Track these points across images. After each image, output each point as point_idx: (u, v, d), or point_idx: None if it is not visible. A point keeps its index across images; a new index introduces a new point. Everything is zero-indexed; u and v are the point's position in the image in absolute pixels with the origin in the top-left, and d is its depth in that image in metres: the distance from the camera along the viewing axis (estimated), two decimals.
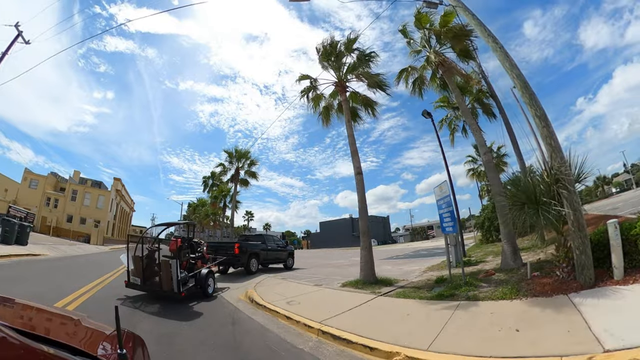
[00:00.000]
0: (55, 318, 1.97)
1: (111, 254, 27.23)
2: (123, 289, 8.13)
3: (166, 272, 7.31)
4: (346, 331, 5.31)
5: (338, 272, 14.49)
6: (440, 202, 8.97)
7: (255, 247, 14.59)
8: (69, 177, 50.16)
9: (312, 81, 13.57)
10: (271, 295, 8.72)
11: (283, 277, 12.83)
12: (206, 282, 8.62)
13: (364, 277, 9.98)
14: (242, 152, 25.69)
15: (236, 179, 25.84)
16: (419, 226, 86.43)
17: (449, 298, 6.71)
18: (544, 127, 7.04)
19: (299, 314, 6.58)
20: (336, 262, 21.71)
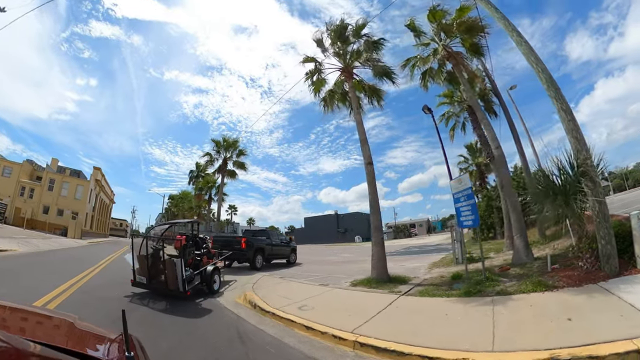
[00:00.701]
0: (47, 321, 1.87)
1: (89, 249, 25.37)
2: (102, 291, 7.52)
3: (171, 271, 7.19)
4: (390, 340, 4.46)
5: (337, 269, 13.74)
6: (458, 195, 8.63)
7: (261, 242, 14.19)
8: (46, 165, 46.65)
9: (317, 64, 12.54)
10: (275, 298, 7.57)
11: (281, 275, 11.73)
12: (212, 279, 8.50)
13: (377, 275, 9.20)
14: (230, 142, 23.96)
15: (223, 169, 24.24)
16: (401, 224, 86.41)
17: (478, 294, 6.37)
18: (569, 120, 7.09)
19: (320, 322, 5.50)
20: (329, 258, 20.93)
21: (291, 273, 12.74)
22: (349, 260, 18.90)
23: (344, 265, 15.42)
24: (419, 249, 24.51)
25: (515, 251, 9.73)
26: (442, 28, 12.62)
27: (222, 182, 24.61)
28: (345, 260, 19.11)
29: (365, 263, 16.33)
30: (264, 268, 14.13)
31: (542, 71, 7.50)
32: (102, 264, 13.97)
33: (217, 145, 24.00)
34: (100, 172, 55.40)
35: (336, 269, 13.74)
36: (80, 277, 9.66)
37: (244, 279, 10.90)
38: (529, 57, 7.77)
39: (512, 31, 8.17)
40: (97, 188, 55.21)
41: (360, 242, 60.70)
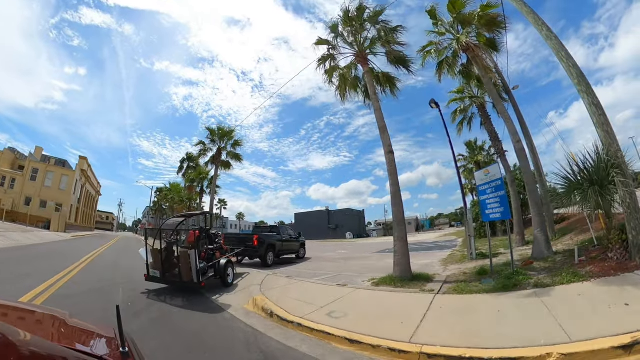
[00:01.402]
0: (38, 316, 1.80)
1: (72, 243, 23.63)
2: (85, 297, 6.44)
3: (185, 263, 7.21)
4: (459, 346, 3.88)
5: (343, 266, 12.85)
6: (484, 187, 8.32)
7: (272, 238, 13.94)
8: (29, 154, 43.99)
9: (330, 48, 11.60)
10: (293, 303, 6.37)
11: (287, 274, 10.50)
12: (225, 272, 8.45)
13: (401, 272, 8.41)
14: (225, 131, 22.42)
15: (217, 160, 22.55)
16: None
17: (515, 288, 6.15)
18: (600, 115, 7.18)
19: (364, 332, 4.52)
20: (326, 255, 19.81)
21: (298, 271, 11.59)
22: (347, 257, 17.99)
23: (348, 263, 14.50)
24: (419, 246, 23.58)
25: (535, 245, 9.53)
26: (460, 19, 12.37)
27: (216, 173, 22.97)
28: (343, 256, 18.18)
29: (367, 260, 15.45)
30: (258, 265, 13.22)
31: (572, 66, 7.48)
32: (85, 260, 12.62)
33: (212, 134, 22.44)
34: (86, 162, 52.84)
35: (341, 266, 12.81)
36: (60, 276, 8.37)
37: (250, 278, 9.73)
38: (559, 53, 7.65)
39: (541, 25, 7.99)
40: (83, 179, 52.62)
41: (351, 238, 60.04)
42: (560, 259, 8.07)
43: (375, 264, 13.59)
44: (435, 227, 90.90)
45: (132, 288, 7.70)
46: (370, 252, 20.75)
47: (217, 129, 22.19)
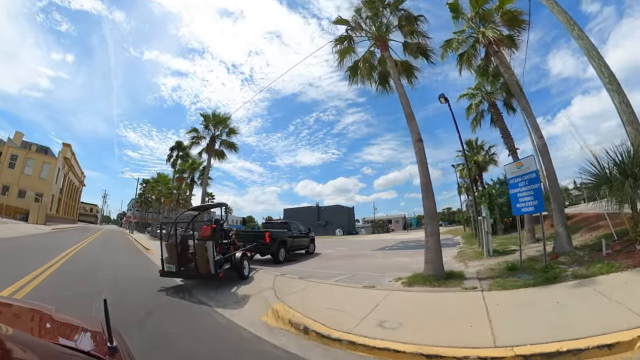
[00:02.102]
0: (24, 312, 1.73)
1: (52, 236, 21.52)
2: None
3: (202, 254, 7.14)
4: (549, 341, 3.49)
5: (353, 265, 11.82)
6: (516, 180, 8.14)
7: (284, 234, 13.63)
8: (7, 139, 40.15)
9: (349, 29, 10.87)
10: (324, 312, 5.16)
11: (298, 274, 9.24)
12: (241, 264, 8.30)
13: (434, 270, 7.67)
14: (220, 117, 20.56)
15: (211, 149, 20.71)
16: (379, 219, 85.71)
17: (557, 280, 6.03)
18: (630, 112, 7.47)
19: (440, 343, 3.78)
20: (328, 252, 18.29)
21: (307, 271, 10.25)
22: (349, 254, 16.72)
23: (355, 261, 13.41)
24: (418, 244, 22.47)
25: (557, 241, 9.35)
26: (481, 14, 12.11)
27: (209, 163, 21.09)
28: (345, 254, 16.89)
29: (372, 258, 14.54)
30: (266, 262, 12.26)
31: (603, 66, 7.58)
32: (62, 257, 10.94)
33: (206, 120, 20.54)
34: (69, 150, 49.45)
35: (351, 265, 11.69)
36: (25, 280, 6.75)
37: (258, 280, 8.45)
38: (590, 52, 7.74)
39: (573, 25, 8.05)
40: (66, 167, 49.33)
41: (340, 235, 58.76)
42: (584, 254, 7.97)
43: (384, 262, 12.79)
44: (422, 226, 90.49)
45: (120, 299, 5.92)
46: (370, 249, 19.69)
47: (211, 115, 20.34)
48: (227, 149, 21.11)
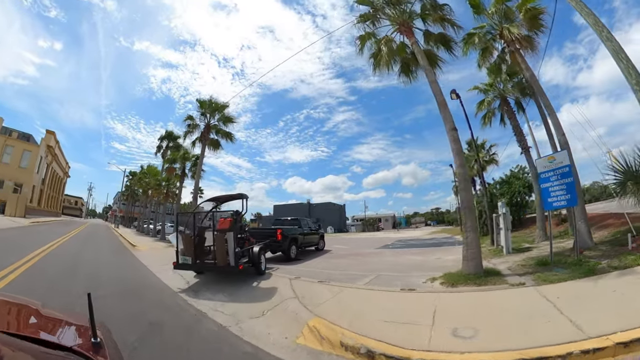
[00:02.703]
0: (9, 306, 1.65)
1: (28, 230, 19.59)
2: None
3: (221, 246, 6.86)
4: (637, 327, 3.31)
5: (367, 264, 10.68)
6: (548, 174, 8.06)
7: (295, 231, 13.30)
8: None
9: (372, 10, 10.38)
10: (377, 325, 4.24)
11: (315, 277, 8.00)
12: (259, 259, 8.00)
13: (475, 268, 7.14)
14: (218, 105, 18.79)
15: (206, 137, 18.85)
16: (370, 218, 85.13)
17: (596, 273, 5.93)
18: None
19: (529, 345, 3.35)
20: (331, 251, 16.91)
21: (323, 272, 8.93)
22: (355, 252, 15.48)
23: (366, 260, 12.31)
24: (420, 242, 21.68)
25: (579, 236, 8.92)
26: (501, 12, 11.92)
27: (203, 152, 19.07)
28: (350, 252, 15.56)
29: (382, 256, 13.45)
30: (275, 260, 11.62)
31: (631, 68, 7.29)
32: (36, 255, 9.35)
33: (202, 106, 18.63)
34: (53, 138, 46.34)
35: (366, 265, 10.61)
36: None
37: (272, 286, 7.10)
38: (619, 55, 7.42)
39: (602, 27, 7.72)
40: (49, 156, 46.21)
41: (332, 232, 57.61)
42: (607, 248, 8.10)
43: (397, 260, 11.77)
44: (411, 225, 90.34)
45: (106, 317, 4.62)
46: (371, 247, 18.31)
47: (208, 101, 18.53)
48: (222, 139, 19.34)
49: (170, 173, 24.81)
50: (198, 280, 7.64)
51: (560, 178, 7.77)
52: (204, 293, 6.32)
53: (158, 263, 10.18)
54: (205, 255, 7.36)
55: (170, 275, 8.07)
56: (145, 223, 33.66)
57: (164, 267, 9.03)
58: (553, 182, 7.90)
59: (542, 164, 8.27)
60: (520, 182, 21.20)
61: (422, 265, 9.83)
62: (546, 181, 8.03)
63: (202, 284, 7.26)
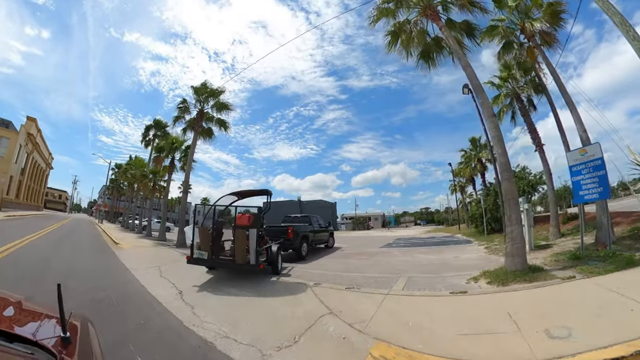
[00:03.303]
0: None
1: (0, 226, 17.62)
2: None
3: (241, 243, 6.52)
4: None
5: (380, 265, 9.69)
6: (579, 167, 8.04)
7: (305, 229, 12.83)
8: None
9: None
10: (467, 342, 3.44)
11: (337, 281, 6.72)
12: (277, 258, 7.55)
13: (522, 264, 6.73)
14: (212, 90, 16.85)
15: (198, 125, 16.84)
16: (360, 216, 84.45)
17: (638, 264, 5.89)
18: None
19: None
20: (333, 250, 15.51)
21: (344, 276, 7.62)
22: (361, 252, 14.14)
23: (378, 259, 11.33)
24: (420, 241, 20.27)
25: (602, 231, 9.12)
26: (521, 6, 11.92)
27: (195, 142, 16.97)
28: (357, 252, 14.16)
29: (391, 256, 12.06)
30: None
31: None
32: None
33: (196, 92, 16.76)
34: (35, 125, 43.05)
35: (381, 265, 9.67)
36: None
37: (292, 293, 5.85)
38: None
39: (628, 27, 7.39)
40: (30, 145, 42.92)
41: None
42: (631, 242, 8.23)
43: (412, 259, 10.77)
44: (401, 224, 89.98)
45: None
46: (374, 246, 16.95)
47: (202, 85, 16.70)
48: (216, 127, 17.45)
49: (158, 163, 22.70)
50: (193, 288, 6.15)
51: (592, 171, 7.74)
52: (205, 308, 4.79)
53: (143, 265, 8.61)
54: (222, 250, 7.13)
55: (158, 282, 6.58)
56: (130, 218, 31.61)
57: (150, 271, 7.54)
58: (584, 175, 7.88)
59: (573, 157, 8.21)
60: (524, 182, 20.35)
61: (446, 264, 9.18)
62: (577, 174, 7.99)
63: (200, 293, 5.77)
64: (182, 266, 7.74)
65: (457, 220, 38.76)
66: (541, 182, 19.82)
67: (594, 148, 7.95)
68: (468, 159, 28.66)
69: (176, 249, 13.70)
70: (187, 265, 7.12)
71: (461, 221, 37.78)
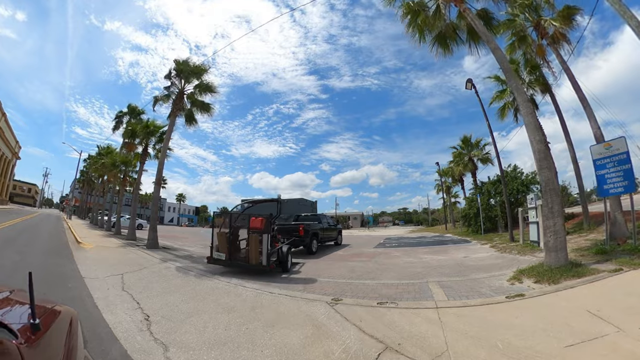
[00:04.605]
0: None
1: None
2: None
3: (255, 246, 7.15)
4: None
5: (389, 269, 8.33)
6: (603, 161, 7.93)
7: (315, 227, 13.30)
8: None
9: None
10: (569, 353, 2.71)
11: (362, 294, 5.23)
12: (287, 258, 7.87)
13: (564, 258, 6.17)
14: (196, 67, 14.35)
15: (177, 105, 14.28)
16: (340, 215, 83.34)
17: None
18: None
19: None
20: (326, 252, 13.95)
21: (359, 285, 6.18)
22: (356, 253, 12.83)
23: (381, 261, 9.94)
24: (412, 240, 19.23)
25: (617, 227, 9.24)
26: (538, 4, 11.95)
27: (172, 126, 14.46)
28: (350, 253, 12.80)
29: (394, 257, 10.78)
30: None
31: None
32: None
33: (178, 67, 14.14)
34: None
35: (391, 269, 8.33)
36: None
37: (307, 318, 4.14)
38: None
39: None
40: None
41: None
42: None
43: (421, 261, 9.59)
44: (379, 224, 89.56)
45: None
46: (368, 247, 15.63)
47: (183, 62, 14.26)
48: (198, 111, 15.01)
49: (129, 150, 19.70)
50: (165, 308, 4.36)
51: (617, 165, 7.74)
52: (185, 348, 3.05)
53: (103, 272, 6.76)
54: (238, 252, 7.58)
55: (118, 299, 4.78)
56: (101, 214, 28.70)
57: (110, 281, 5.83)
58: (609, 168, 7.88)
59: (597, 151, 8.14)
60: (517, 182, 19.77)
61: (462, 265, 8.34)
62: (602, 168, 7.97)
63: (176, 319, 3.96)
64: (151, 274, 6.33)
65: (445, 220, 38.14)
66: (534, 182, 19.19)
67: (619, 142, 7.88)
68: (459, 157, 28.02)
69: (146, 250, 11.62)
70: (157, 272, 6.45)
71: (447, 221, 37.42)
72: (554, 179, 7.02)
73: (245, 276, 6.80)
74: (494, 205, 20.96)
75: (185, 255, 10.90)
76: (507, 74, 8.01)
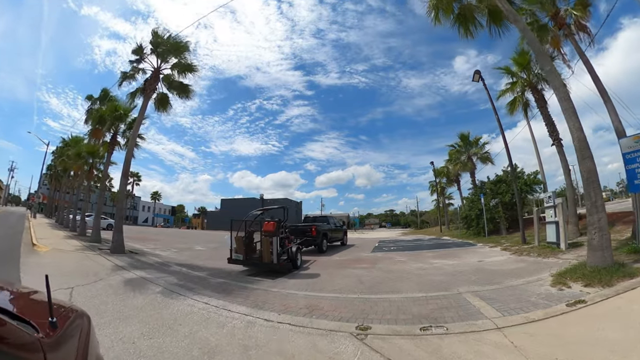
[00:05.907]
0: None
1: None
2: None
3: (267, 247, 8.05)
4: None
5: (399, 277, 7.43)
6: (634, 154, 7.53)
7: (325, 227, 14.40)
8: None
9: None
10: None
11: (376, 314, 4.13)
12: (296, 256, 8.94)
13: (610, 257, 5.88)
14: (176, 43, 12.71)
15: (151, 87, 12.66)
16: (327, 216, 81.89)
17: None
18: None
19: None
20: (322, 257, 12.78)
21: (381, 300, 5.12)
22: (353, 258, 11.79)
23: (390, 267, 9.21)
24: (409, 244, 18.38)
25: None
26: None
27: (144, 110, 12.75)
28: (348, 258, 11.73)
29: (400, 263, 9.90)
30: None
31: None
32: None
33: (156, 42, 12.64)
34: None
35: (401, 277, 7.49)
36: None
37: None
38: None
39: None
40: None
41: None
42: None
43: (426, 266, 8.98)
44: (365, 226, 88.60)
45: None
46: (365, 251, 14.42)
47: (158, 33, 12.55)
48: (176, 93, 13.43)
49: (97, 137, 17.51)
50: (111, 352, 3.15)
51: None
52: None
53: (51, 284, 5.33)
54: (252, 252, 8.59)
55: None
56: (67, 213, 26.61)
57: (57, 299, 4.30)
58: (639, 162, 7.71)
59: (627, 145, 7.95)
60: (520, 182, 19.09)
61: (483, 271, 7.67)
62: (632, 162, 7.75)
63: None
64: (107, 289, 5.43)
65: (440, 222, 37.56)
66: (537, 182, 18.67)
67: None
68: (457, 155, 27.58)
69: (108, 255, 10.03)
70: (115, 287, 5.79)
71: (443, 223, 37.03)
72: (595, 170, 6.60)
73: (227, 297, 5.46)
74: (495, 206, 20.36)
75: (154, 262, 9.53)
76: (540, 57, 7.74)
